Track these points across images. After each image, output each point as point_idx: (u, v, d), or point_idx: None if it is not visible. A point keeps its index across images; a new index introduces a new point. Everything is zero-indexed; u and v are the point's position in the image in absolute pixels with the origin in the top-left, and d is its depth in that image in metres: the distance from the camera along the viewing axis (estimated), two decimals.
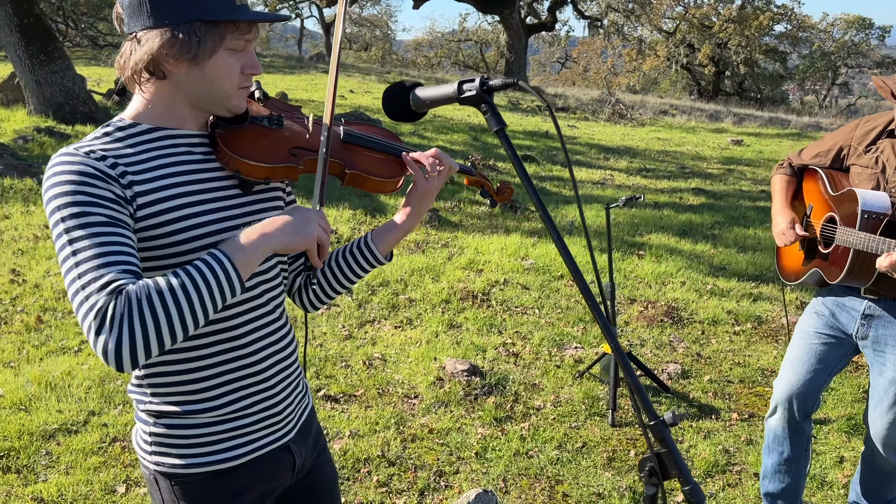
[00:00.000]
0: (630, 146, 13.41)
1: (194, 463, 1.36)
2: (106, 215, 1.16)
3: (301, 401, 1.53)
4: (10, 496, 2.90)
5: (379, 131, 1.59)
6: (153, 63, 1.24)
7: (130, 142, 1.27)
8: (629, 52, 34.78)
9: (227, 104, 1.32)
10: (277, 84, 16.63)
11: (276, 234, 1.24)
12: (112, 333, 1.09)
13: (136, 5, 1.23)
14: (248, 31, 1.28)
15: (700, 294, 5.45)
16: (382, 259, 1.55)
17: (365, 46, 38.07)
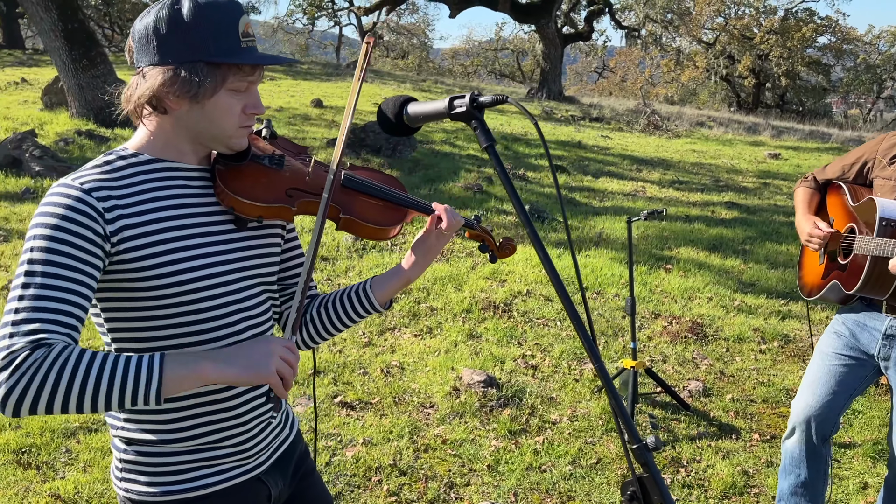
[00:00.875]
0: (664, 158, 13.26)
1: (163, 491, 1.37)
2: (73, 256, 1.18)
3: (279, 434, 1.53)
4: (28, 492, 2.97)
5: (384, 178, 1.58)
6: (155, 98, 1.27)
7: (129, 171, 1.29)
8: (667, 62, 34.44)
9: (228, 142, 1.34)
10: (314, 91, 16.83)
11: (224, 369, 1.20)
12: (12, 379, 1.09)
13: (145, 42, 1.26)
14: (252, 73, 1.30)
15: (727, 310, 5.36)
16: (379, 307, 1.56)
17: (402, 55, 38.32)
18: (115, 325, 1.31)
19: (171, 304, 1.29)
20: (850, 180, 2.54)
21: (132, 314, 1.30)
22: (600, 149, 13.56)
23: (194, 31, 1.24)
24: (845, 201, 2.50)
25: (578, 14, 25.11)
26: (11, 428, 3.41)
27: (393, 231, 1.52)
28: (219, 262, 1.34)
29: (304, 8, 25.56)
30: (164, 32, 1.24)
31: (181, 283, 1.28)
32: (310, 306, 1.60)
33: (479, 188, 8.80)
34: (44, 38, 9.95)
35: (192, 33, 1.24)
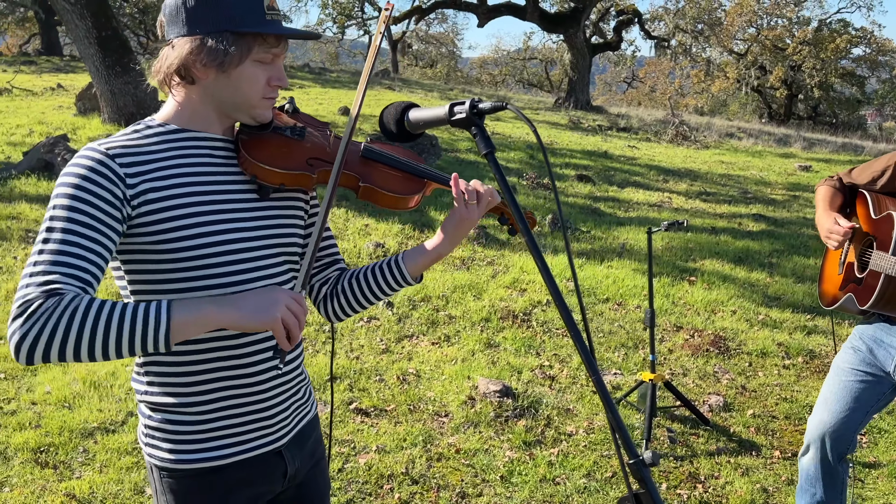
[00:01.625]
0: (691, 169, 13.11)
1: (182, 459, 1.40)
2: (92, 216, 1.21)
3: (300, 409, 1.54)
4: (45, 490, 3.00)
5: (402, 152, 1.59)
6: (183, 68, 1.31)
7: (156, 139, 1.33)
8: (697, 73, 34.13)
9: (251, 112, 1.37)
10: (342, 99, 16.95)
11: (229, 312, 1.22)
12: (25, 326, 1.12)
13: (174, 14, 1.30)
14: (276, 45, 1.33)
15: (751, 324, 5.26)
16: (411, 280, 1.54)
17: (430, 64, 38.48)
18: (136, 287, 1.35)
19: (191, 269, 1.32)
20: (878, 189, 2.47)
21: (153, 277, 1.32)
22: (627, 159, 13.46)
23: (221, 2, 1.28)
24: (868, 212, 2.44)
25: (607, 24, 25.01)
26: (31, 427, 3.46)
27: (412, 201, 1.52)
28: (240, 230, 1.36)
29: (334, 17, 25.81)
30: (192, 4, 1.28)
31: (201, 249, 1.31)
32: (322, 296, 1.60)
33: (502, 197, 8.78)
34: (78, 44, 10.16)
35: (219, 4, 1.28)
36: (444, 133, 13.73)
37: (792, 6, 31.80)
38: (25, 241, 6.07)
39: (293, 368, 1.50)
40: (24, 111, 12.06)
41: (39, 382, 3.89)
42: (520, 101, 24.43)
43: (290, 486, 1.56)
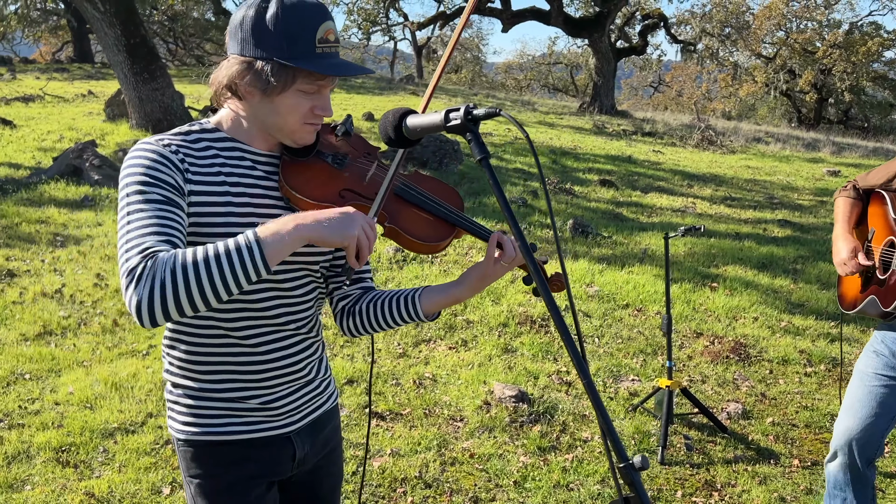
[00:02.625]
0: (717, 174, 12.98)
1: (193, 431, 1.50)
2: (164, 196, 1.28)
3: (313, 400, 1.60)
4: (65, 489, 3.06)
5: (443, 191, 1.57)
6: (232, 85, 1.36)
7: (205, 143, 1.39)
8: (724, 77, 33.78)
9: (292, 136, 1.41)
10: (366, 104, 17.07)
11: (311, 225, 1.26)
12: (138, 289, 1.18)
13: (234, 32, 1.35)
14: (322, 78, 1.35)
15: (773, 331, 5.20)
16: (424, 318, 1.57)
17: (455, 69, 38.55)
18: None
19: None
20: (894, 189, 2.45)
21: None
22: (651, 164, 13.37)
23: (273, 31, 1.32)
24: (887, 212, 2.41)
25: (633, 28, 24.87)
26: (54, 427, 3.53)
27: (438, 247, 1.51)
28: None
29: (359, 24, 26.01)
30: (248, 27, 1.33)
31: None
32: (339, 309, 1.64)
33: (523, 202, 8.77)
34: (108, 52, 10.37)
35: (270, 33, 1.32)
36: None
37: (822, 9, 31.35)
38: (53, 244, 6.20)
39: (303, 362, 1.55)
40: (56, 117, 12.33)
41: (63, 383, 3.97)
42: (544, 105, 24.39)
43: (303, 473, 1.63)
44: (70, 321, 4.80)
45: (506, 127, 16.11)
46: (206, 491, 1.52)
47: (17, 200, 7.31)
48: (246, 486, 1.52)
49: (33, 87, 16.55)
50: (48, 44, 33.06)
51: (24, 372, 4.09)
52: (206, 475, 1.52)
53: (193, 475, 1.52)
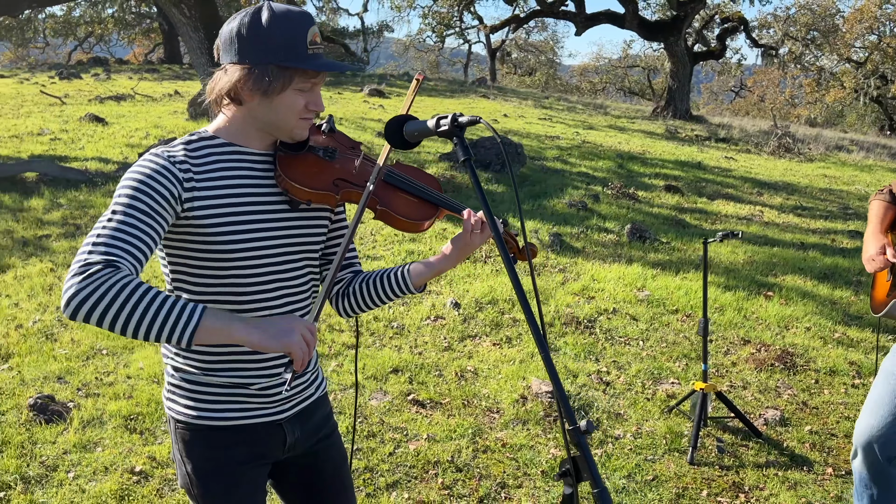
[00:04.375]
0: (790, 182, 12.64)
1: (191, 415, 1.63)
2: (151, 206, 1.42)
3: (304, 390, 1.75)
4: (130, 452, 3.39)
5: (424, 177, 1.76)
6: (233, 91, 1.52)
7: (206, 150, 1.56)
8: (810, 82, 32.56)
9: (290, 132, 1.58)
10: (436, 107, 17.36)
11: (251, 331, 1.36)
12: (82, 284, 1.27)
13: (229, 43, 1.51)
14: (315, 76, 1.53)
15: (825, 342, 5.13)
16: (413, 290, 1.73)
17: (529, 72, 38.55)
18: (176, 268, 1.58)
19: (222, 264, 1.54)
20: None
21: (191, 265, 1.56)
22: (721, 170, 13.12)
23: (268, 37, 1.47)
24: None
25: (711, 31, 24.32)
26: (124, 397, 3.88)
27: (423, 225, 1.69)
28: (269, 236, 1.58)
29: (433, 27, 26.40)
30: (244, 36, 1.48)
31: (235, 244, 1.53)
32: (334, 293, 1.81)
33: (583, 206, 8.82)
34: (192, 54, 10.98)
35: (266, 39, 1.47)
36: (534, 141, 13.84)
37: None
38: None
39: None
40: (144, 115, 13.11)
41: (135, 359, 4.34)
42: (617, 109, 24.13)
43: (298, 455, 1.77)
44: None
45: (574, 130, 16.10)
46: (200, 472, 1.64)
47: (105, 193, 7.88)
48: (239, 469, 1.66)
49: (125, 87, 17.59)
50: (141, 45, 34.86)
51: (101, 348, 4.49)
52: (202, 457, 1.64)
53: (189, 457, 1.64)
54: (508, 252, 1.82)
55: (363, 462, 3.41)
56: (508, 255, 1.37)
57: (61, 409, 3.70)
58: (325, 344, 4.69)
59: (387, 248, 6.69)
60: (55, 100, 14.80)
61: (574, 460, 1.26)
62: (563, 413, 1.25)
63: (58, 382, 4.06)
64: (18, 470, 3.20)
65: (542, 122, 17.19)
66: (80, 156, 9.64)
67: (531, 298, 4.67)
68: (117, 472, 3.22)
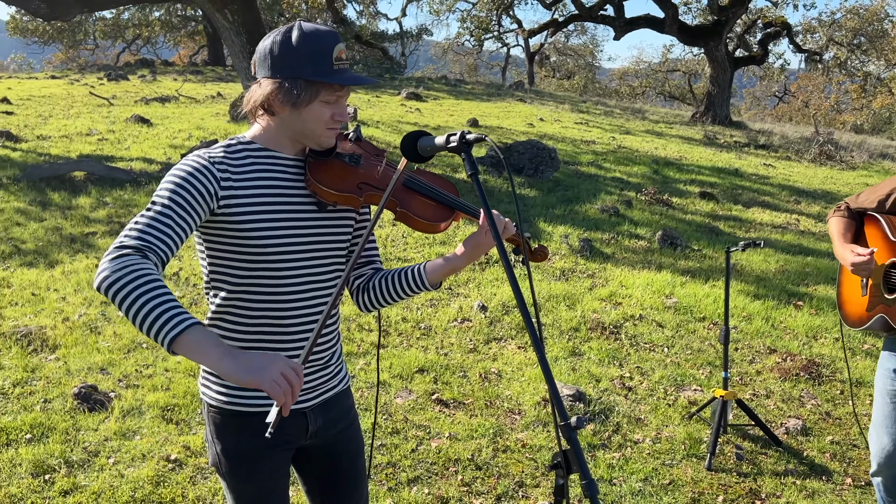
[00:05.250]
0: (829, 190, 12.45)
1: (224, 400, 1.77)
2: (187, 201, 1.56)
3: (328, 382, 1.88)
4: (167, 441, 3.57)
5: (442, 183, 1.88)
6: (266, 102, 1.67)
7: (244, 154, 1.71)
8: (856, 87, 31.87)
9: (318, 140, 1.72)
10: (472, 111, 17.48)
11: (223, 359, 1.38)
12: (110, 264, 1.42)
13: (263, 59, 1.66)
14: (340, 89, 1.67)
15: (853, 353, 5.11)
16: (430, 286, 1.84)
17: (568, 75, 38.43)
18: (214, 262, 1.72)
19: (255, 258, 1.68)
20: (886, 211, 2.55)
21: (227, 258, 1.70)
22: (759, 177, 12.98)
23: (298, 54, 1.61)
24: (885, 233, 2.50)
25: (754, 36, 23.99)
26: (162, 389, 4.07)
27: (440, 227, 1.82)
28: (298, 234, 1.72)
29: (472, 31, 26.53)
30: (276, 53, 1.62)
31: (267, 240, 1.66)
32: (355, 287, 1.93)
33: (615, 211, 8.84)
34: (234, 58, 11.27)
35: (296, 56, 1.61)
36: (569, 146, 13.86)
37: None
38: None
39: (324, 350, 1.83)
40: (187, 117, 13.47)
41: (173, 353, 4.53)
42: (656, 114, 23.96)
43: (320, 443, 1.90)
44: (183, 300, 5.42)
45: (610, 135, 16.06)
46: (230, 454, 1.77)
47: (148, 192, 8.17)
48: (264, 452, 1.78)
49: (170, 89, 18.07)
50: (186, 47, 35.68)
51: (142, 341, 4.70)
52: (231, 439, 1.77)
53: (219, 438, 1.78)
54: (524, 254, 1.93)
55: (386, 457, 3.54)
56: (509, 259, 1.47)
57: (103, 398, 3.91)
58: (353, 343, 4.83)
59: (417, 250, 6.83)
60: (103, 101, 15.30)
61: (565, 454, 1.35)
62: (556, 409, 1.35)
63: (100, 373, 4.27)
64: (63, 454, 3.40)
65: (579, 126, 17.18)
66: (125, 156, 9.99)
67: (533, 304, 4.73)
68: (154, 460, 3.40)
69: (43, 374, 4.19)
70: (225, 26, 10.66)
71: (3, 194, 7.86)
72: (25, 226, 6.94)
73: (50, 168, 8.77)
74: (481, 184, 1.46)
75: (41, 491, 3.16)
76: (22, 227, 6.88)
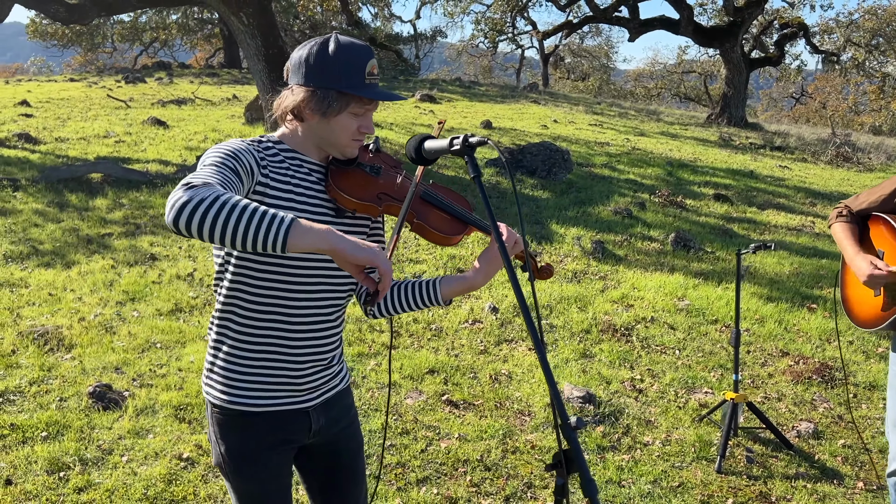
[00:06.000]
0: (846, 193, 12.34)
1: (228, 400, 1.79)
2: (237, 168, 1.58)
3: (330, 381, 1.90)
4: (179, 440, 3.61)
5: (456, 198, 1.92)
6: (297, 109, 1.71)
7: (275, 150, 1.75)
8: (874, 89, 31.54)
9: (342, 150, 1.76)
10: (486, 112, 17.49)
11: (338, 239, 1.43)
12: (186, 193, 1.37)
13: (297, 66, 1.70)
14: (370, 103, 1.71)
15: (867, 356, 5.07)
16: (442, 303, 1.87)
17: (582, 77, 38.33)
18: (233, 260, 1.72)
19: (272, 256, 1.70)
20: (891, 210, 2.54)
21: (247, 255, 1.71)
22: (774, 179, 12.90)
23: (333, 66, 1.65)
24: (893, 233, 2.48)
25: (770, 37, 23.82)
26: (175, 389, 4.12)
27: (454, 240, 1.85)
28: None
29: (486, 33, 26.54)
30: (312, 63, 1.66)
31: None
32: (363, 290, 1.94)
33: (628, 213, 8.82)
34: (249, 60, 11.36)
35: (330, 67, 1.65)
36: (582, 147, 13.84)
37: None
38: None
39: (328, 350, 1.86)
40: (203, 119, 13.59)
41: (186, 353, 4.58)
42: (671, 115, 23.85)
43: (321, 442, 1.92)
44: (197, 301, 5.47)
45: (624, 137, 16.01)
46: (233, 454, 1.80)
47: (164, 194, 8.25)
48: (267, 452, 1.81)
49: (186, 91, 18.22)
50: (203, 50, 35.96)
51: (156, 341, 4.76)
52: (234, 439, 1.79)
53: (223, 438, 1.80)
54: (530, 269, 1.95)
55: (396, 458, 3.56)
56: (512, 267, 1.48)
57: (118, 397, 3.96)
58: (364, 343, 4.86)
59: (429, 252, 6.85)
60: (121, 103, 15.46)
61: (565, 454, 1.36)
62: (556, 410, 1.36)
63: (115, 372, 4.33)
64: (77, 452, 3.46)
65: (593, 127, 17.14)
66: (141, 157, 10.09)
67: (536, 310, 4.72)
68: (166, 458, 3.44)
69: (59, 373, 4.26)
70: (240, 29, 10.74)
71: (22, 196, 7.97)
72: (43, 227, 7.04)
73: (68, 170, 8.89)
74: (484, 188, 1.48)
75: (56, 488, 3.21)
76: (40, 228, 6.98)
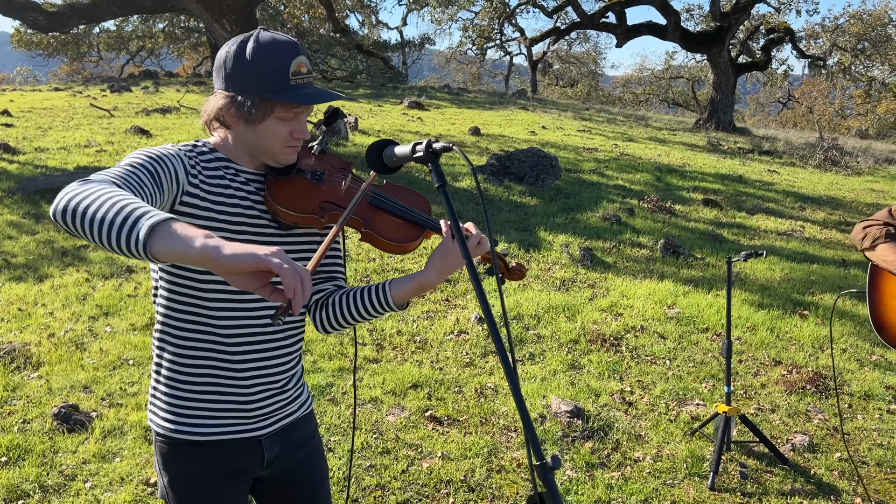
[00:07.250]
0: (835, 196, 12.29)
1: (171, 429, 1.63)
2: (155, 172, 1.41)
3: (285, 407, 1.74)
4: (147, 464, 3.43)
5: (412, 199, 1.73)
6: (220, 116, 1.56)
7: (209, 157, 1.59)
8: (860, 93, 31.70)
9: (275, 157, 1.60)
10: (475, 119, 17.39)
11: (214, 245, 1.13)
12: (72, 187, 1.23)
13: (218, 70, 1.55)
14: (298, 106, 1.54)
15: (861, 364, 4.95)
16: (395, 306, 1.64)
17: (571, 83, 38.35)
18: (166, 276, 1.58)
19: (204, 279, 1.54)
20: None
21: (179, 273, 1.56)
22: (763, 184, 12.83)
23: (251, 68, 1.49)
24: None
25: (756, 42, 23.87)
26: (146, 408, 3.94)
27: (409, 247, 1.65)
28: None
29: (474, 39, 26.47)
30: (229, 66, 1.51)
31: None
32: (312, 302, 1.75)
33: (617, 219, 8.71)
34: None
35: (248, 70, 1.49)
36: (571, 153, 13.74)
37: None
38: None
39: (280, 373, 1.69)
40: (187, 128, 13.40)
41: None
42: (659, 121, 23.83)
43: (278, 472, 1.76)
44: None
45: (613, 142, 15.94)
46: (177, 486, 1.65)
47: None
48: (216, 484, 1.66)
49: (172, 100, 18.03)
50: (190, 59, 35.75)
51: (129, 358, 4.58)
52: (179, 471, 1.65)
53: (167, 469, 1.66)
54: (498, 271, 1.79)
55: (375, 479, 3.40)
56: (477, 274, 1.34)
57: (84, 418, 3.78)
58: (346, 357, 4.70)
59: (414, 261, 6.70)
60: (104, 112, 15.26)
61: (541, 496, 1.22)
62: (531, 449, 1.22)
63: (83, 392, 4.15)
64: (38, 479, 3.28)
65: (581, 133, 17.07)
66: None
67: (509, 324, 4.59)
68: (133, 483, 3.27)
69: (24, 393, 4.08)
70: (223, 36, 10.61)
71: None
72: (17, 239, 6.84)
73: (45, 180, 8.69)
74: (450, 197, 1.34)
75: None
76: (13, 241, 6.79)
